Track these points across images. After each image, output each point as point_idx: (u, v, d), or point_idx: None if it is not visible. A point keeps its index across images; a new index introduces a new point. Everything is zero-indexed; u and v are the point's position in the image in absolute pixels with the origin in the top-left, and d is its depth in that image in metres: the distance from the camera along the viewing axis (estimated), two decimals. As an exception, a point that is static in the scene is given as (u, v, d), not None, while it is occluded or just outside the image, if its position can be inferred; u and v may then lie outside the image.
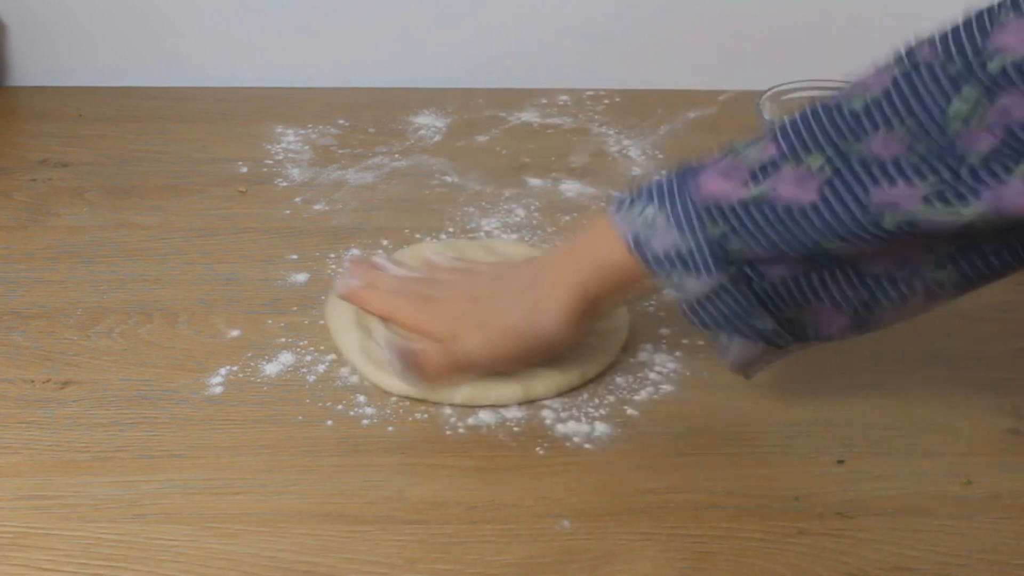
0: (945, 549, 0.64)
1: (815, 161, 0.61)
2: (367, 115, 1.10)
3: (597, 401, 0.74)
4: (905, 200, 0.59)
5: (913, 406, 0.74)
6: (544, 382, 0.74)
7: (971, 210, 0.58)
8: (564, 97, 1.15)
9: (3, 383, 0.75)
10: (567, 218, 0.94)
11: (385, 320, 0.77)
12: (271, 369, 0.76)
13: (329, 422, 0.72)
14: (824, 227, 0.61)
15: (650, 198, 0.66)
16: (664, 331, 0.81)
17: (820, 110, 0.63)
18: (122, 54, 1.16)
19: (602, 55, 1.18)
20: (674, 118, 1.11)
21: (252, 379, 0.75)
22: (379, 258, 0.82)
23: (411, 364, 0.70)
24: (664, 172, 0.67)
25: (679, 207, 0.64)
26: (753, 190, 0.62)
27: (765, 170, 0.63)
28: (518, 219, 0.94)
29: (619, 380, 0.76)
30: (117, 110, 1.11)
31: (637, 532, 0.64)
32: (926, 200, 0.59)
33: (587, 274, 0.70)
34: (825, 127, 0.62)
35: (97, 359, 0.77)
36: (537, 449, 0.70)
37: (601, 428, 0.72)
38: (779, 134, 0.63)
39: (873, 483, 0.68)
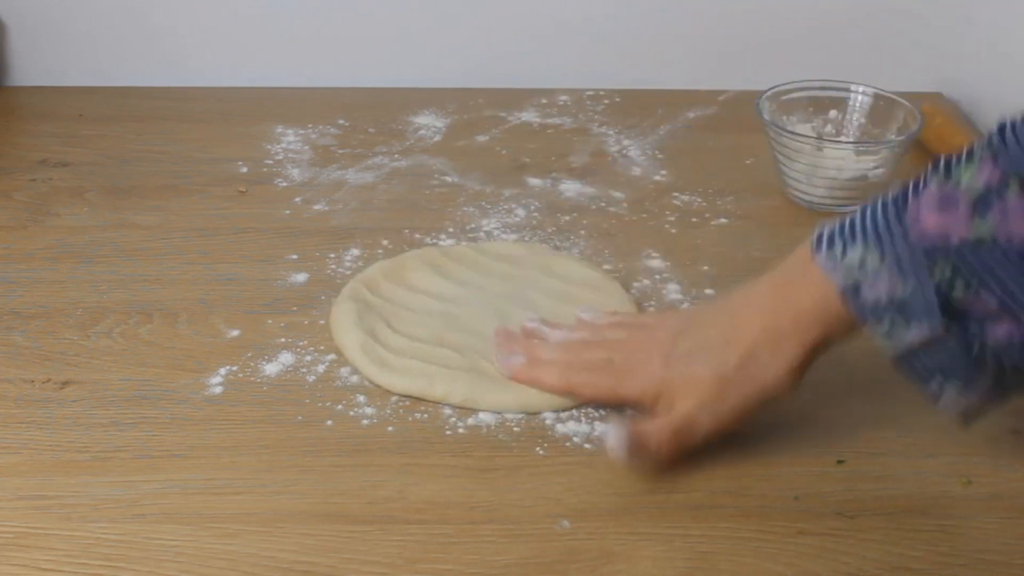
0: (945, 549, 0.64)
1: None
2: (367, 115, 1.10)
3: (597, 401, 0.74)
4: None
5: (913, 406, 0.74)
6: (548, 399, 0.74)
7: None
8: (564, 97, 1.15)
9: (3, 383, 0.75)
10: (567, 218, 0.94)
11: (563, 394, 0.72)
12: (271, 369, 0.76)
13: (329, 422, 0.72)
14: None
15: (865, 240, 0.60)
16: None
17: None
18: (122, 54, 1.16)
19: (602, 55, 1.18)
20: (674, 118, 1.11)
21: (252, 379, 0.75)
22: (531, 323, 0.77)
23: (636, 448, 0.65)
24: (871, 204, 0.62)
25: (896, 248, 0.58)
26: (981, 225, 0.56)
27: (987, 201, 0.56)
28: (518, 219, 0.94)
29: (619, 380, 0.76)
30: (117, 110, 1.11)
31: (637, 532, 0.64)
32: None
33: (809, 330, 0.64)
34: None
35: (97, 359, 0.77)
36: (537, 449, 0.70)
37: (601, 428, 0.72)
38: (996, 151, 0.56)
39: (873, 483, 0.68)
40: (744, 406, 0.67)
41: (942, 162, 0.60)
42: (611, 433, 0.67)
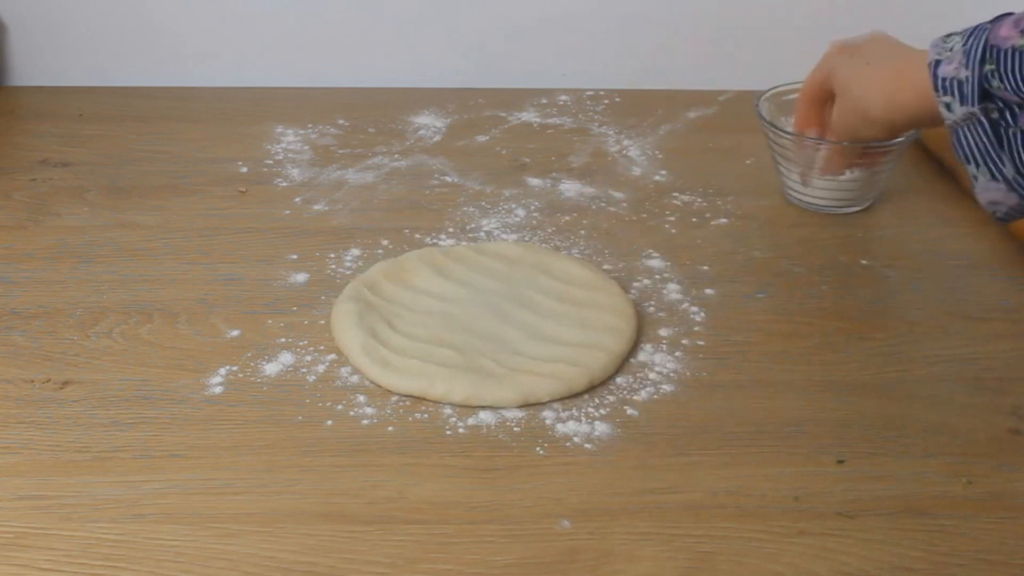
0: (945, 549, 0.64)
1: None
2: (367, 115, 1.10)
3: (597, 401, 0.74)
4: None
5: (913, 406, 0.74)
6: (548, 387, 0.74)
7: None
8: (564, 97, 1.15)
9: (3, 383, 0.75)
10: (567, 218, 0.94)
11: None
12: (271, 369, 0.76)
13: (329, 422, 0.72)
14: None
15: (962, 32, 0.74)
16: (664, 331, 0.81)
17: None
18: (122, 54, 1.16)
19: (602, 55, 1.18)
20: (674, 118, 1.11)
21: (252, 379, 0.75)
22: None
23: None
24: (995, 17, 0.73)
25: (973, 42, 0.72)
26: (1022, 39, 0.69)
27: None
28: (518, 219, 0.94)
29: (619, 380, 0.76)
30: (117, 110, 1.11)
31: (637, 532, 0.64)
32: None
33: (898, 84, 0.79)
34: None
35: (97, 359, 0.77)
36: (537, 449, 0.70)
37: (601, 428, 0.72)
38: None
39: (873, 483, 0.68)
40: (874, 79, 0.83)
41: None
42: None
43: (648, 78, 1.17)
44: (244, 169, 1.01)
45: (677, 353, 0.79)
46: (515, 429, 0.72)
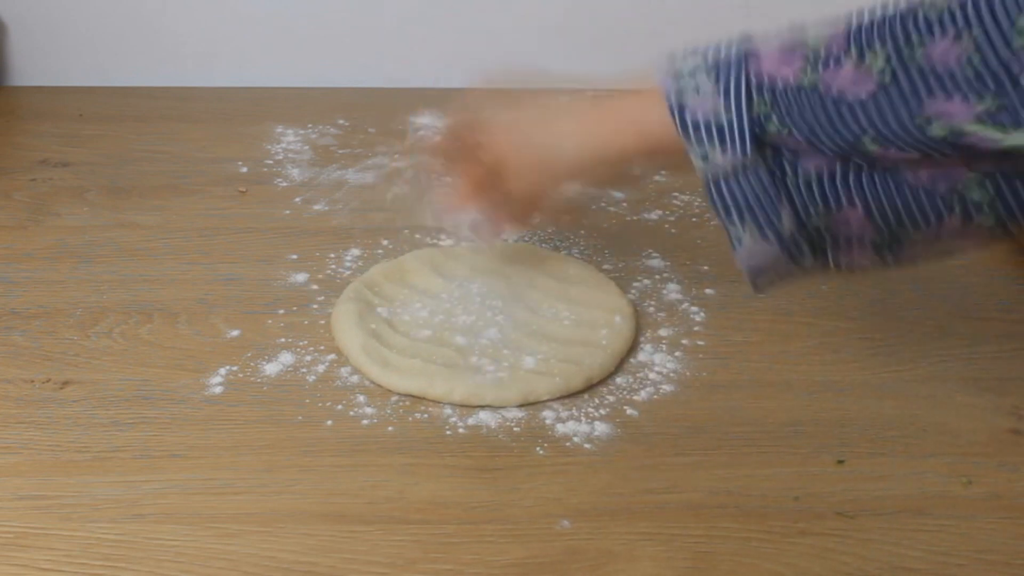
0: (945, 549, 0.64)
1: (876, 62, 0.59)
2: (367, 115, 1.10)
3: (597, 401, 0.74)
4: (957, 114, 0.57)
5: (913, 406, 0.74)
6: (548, 386, 0.74)
7: (1019, 136, 0.57)
8: (564, 97, 1.15)
9: (3, 383, 0.75)
10: (567, 218, 0.94)
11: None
12: (271, 369, 0.76)
13: (329, 422, 0.72)
14: (869, 124, 0.59)
15: (704, 62, 0.65)
16: (664, 332, 0.81)
17: (897, 14, 0.60)
18: (122, 54, 1.16)
19: (602, 55, 1.17)
20: (674, 118, 1.11)
21: (252, 379, 0.75)
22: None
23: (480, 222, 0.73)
24: (727, 41, 0.66)
25: (731, 78, 0.63)
26: (809, 76, 0.61)
27: (826, 62, 0.61)
28: (518, 219, 0.94)
29: (619, 380, 0.76)
30: (117, 110, 1.11)
31: (637, 532, 0.64)
32: (978, 119, 0.57)
33: (616, 127, 0.70)
34: (896, 30, 0.59)
35: (97, 359, 0.77)
36: (537, 449, 0.70)
37: (601, 428, 0.72)
38: (852, 31, 0.61)
39: (873, 483, 0.68)
40: (539, 167, 0.73)
41: (805, 27, 0.65)
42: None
43: (647, 78, 1.16)
44: (244, 169, 1.01)
45: (677, 353, 0.79)
46: (515, 429, 0.72)
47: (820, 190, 0.63)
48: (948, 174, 0.62)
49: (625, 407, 0.74)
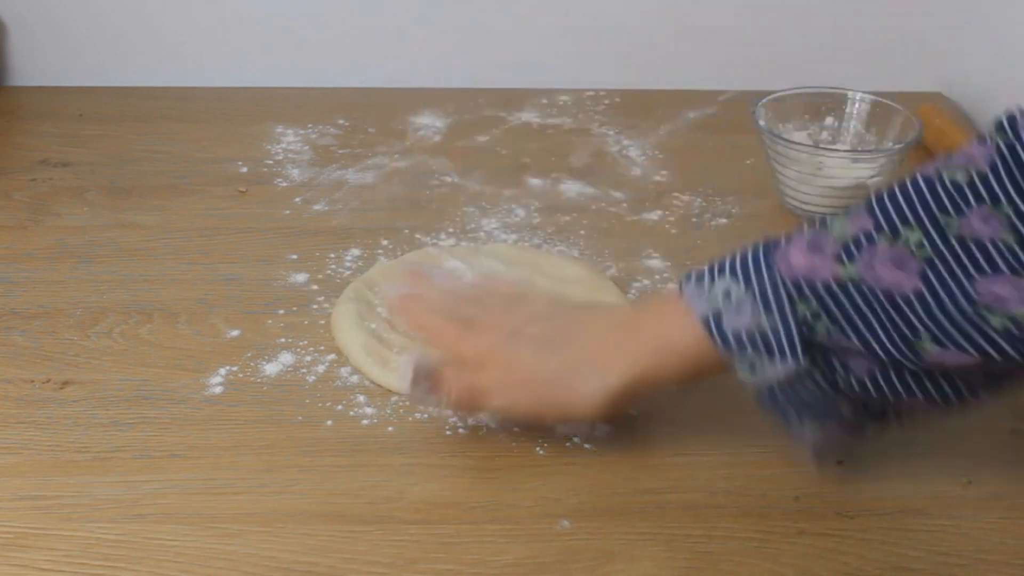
0: (945, 549, 0.64)
1: (913, 236, 0.56)
2: (367, 115, 1.10)
3: (597, 401, 0.74)
4: (1010, 295, 0.54)
5: (913, 406, 0.74)
6: None
7: None
8: (564, 97, 1.15)
9: (3, 383, 0.75)
10: (567, 218, 0.94)
11: (415, 331, 0.74)
12: (271, 369, 0.76)
13: (329, 422, 0.72)
14: (928, 316, 0.56)
15: (732, 274, 0.61)
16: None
17: (921, 180, 0.57)
18: (122, 54, 1.16)
19: (602, 55, 1.18)
20: (674, 118, 1.11)
21: (252, 379, 0.75)
22: (437, 269, 0.80)
23: (426, 380, 0.67)
24: (744, 248, 0.62)
25: (766, 283, 0.59)
26: (848, 268, 0.57)
27: (859, 244, 0.58)
28: (518, 219, 0.94)
29: (619, 380, 0.76)
30: (117, 110, 1.11)
31: (637, 532, 0.64)
32: None
33: (647, 356, 0.64)
34: (926, 199, 0.56)
35: (97, 359, 0.77)
36: (537, 449, 0.70)
37: (601, 428, 0.72)
38: (874, 205, 0.58)
39: (873, 483, 0.68)
40: (542, 411, 0.67)
41: (818, 220, 0.61)
42: (413, 358, 0.67)
43: (648, 78, 1.16)
44: (244, 169, 1.01)
45: (677, 353, 0.79)
46: (515, 429, 0.72)
47: (876, 388, 0.60)
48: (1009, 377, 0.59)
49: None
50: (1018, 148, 0.55)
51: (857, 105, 0.99)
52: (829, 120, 1.00)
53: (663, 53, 1.17)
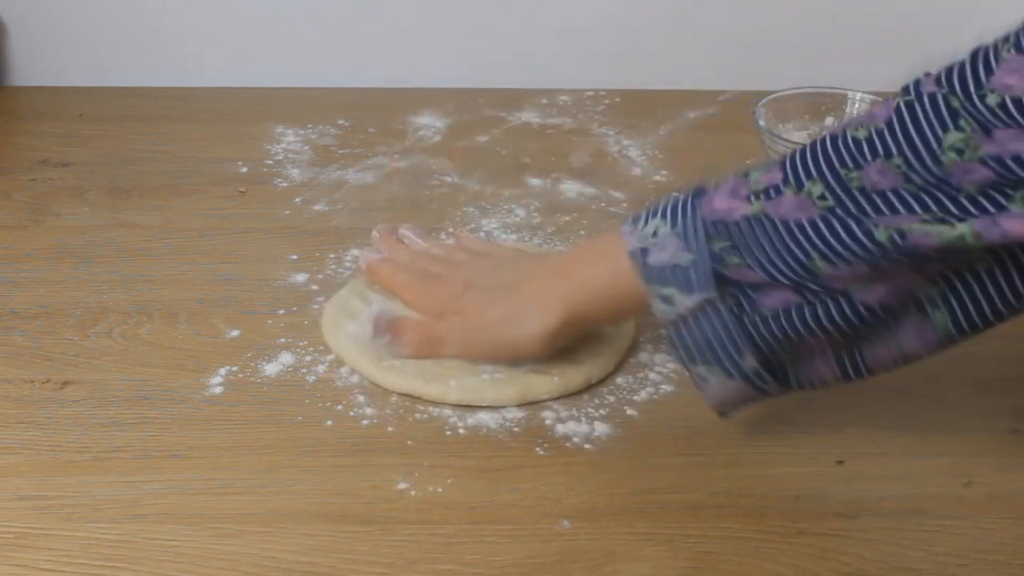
0: (945, 549, 0.64)
1: (815, 188, 0.61)
2: (367, 115, 1.10)
3: (597, 401, 0.74)
4: (902, 222, 0.59)
5: (913, 406, 0.74)
6: (547, 386, 0.74)
7: (965, 227, 0.58)
8: (564, 97, 1.15)
9: (3, 383, 0.75)
10: (567, 218, 0.94)
11: (390, 290, 0.79)
12: (271, 369, 0.76)
13: (329, 422, 0.72)
14: (820, 240, 0.61)
15: (663, 216, 0.66)
16: (664, 332, 0.81)
17: (827, 139, 0.62)
18: (122, 54, 1.16)
19: (602, 55, 1.18)
20: (674, 118, 1.11)
21: (252, 379, 0.75)
22: (407, 229, 0.85)
23: (386, 328, 0.74)
24: (679, 194, 0.67)
25: (689, 223, 0.65)
26: (754, 207, 0.63)
27: (768, 193, 0.63)
28: (518, 219, 0.94)
29: (619, 380, 0.76)
30: (117, 110, 1.11)
31: (637, 532, 0.64)
32: (922, 221, 0.58)
33: (575, 295, 0.70)
34: (829, 155, 0.61)
35: (97, 359, 0.77)
36: (537, 449, 0.70)
37: (601, 428, 0.72)
38: (786, 161, 0.63)
39: (873, 483, 0.68)
40: (494, 349, 0.74)
41: (746, 168, 0.66)
42: (374, 310, 0.75)
43: (648, 78, 1.16)
44: (244, 169, 1.01)
45: (677, 353, 0.79)
46: (515, 429, 0.72)
47: (779, 326, 0.63)
48: (899, 285, 0.62)
49: (625, 407, 0.74)
50: (916, 105, 0.59)
51: (857, 105, 0.99)
52: (829, 120, 1.00)
53: (663, 53, 1.17)
